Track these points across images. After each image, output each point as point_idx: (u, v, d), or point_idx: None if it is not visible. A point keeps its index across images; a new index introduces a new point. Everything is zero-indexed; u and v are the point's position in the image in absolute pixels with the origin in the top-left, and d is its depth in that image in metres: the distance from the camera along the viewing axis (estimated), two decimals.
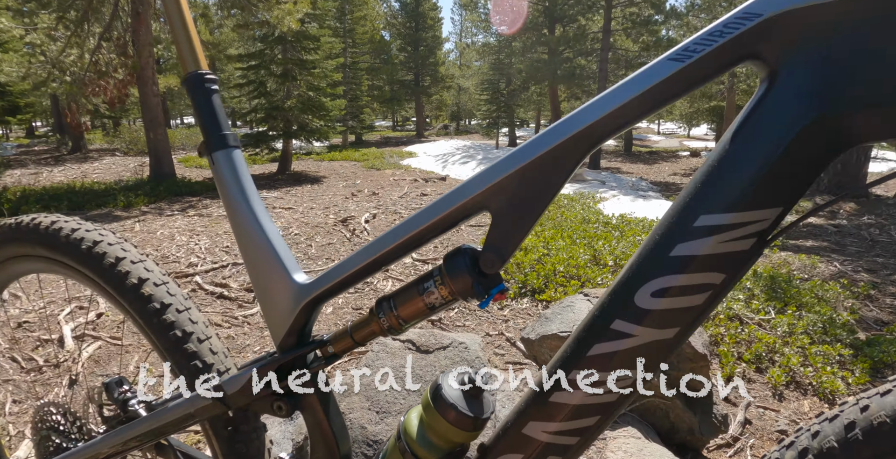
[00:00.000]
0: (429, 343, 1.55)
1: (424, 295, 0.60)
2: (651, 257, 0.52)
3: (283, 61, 12.62)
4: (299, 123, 12.70)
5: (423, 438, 0.63)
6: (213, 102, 0.75)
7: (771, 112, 0.48)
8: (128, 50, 10.49)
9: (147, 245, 5.27)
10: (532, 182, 0.54)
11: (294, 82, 12.74)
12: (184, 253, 4.86)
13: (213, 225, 6.44)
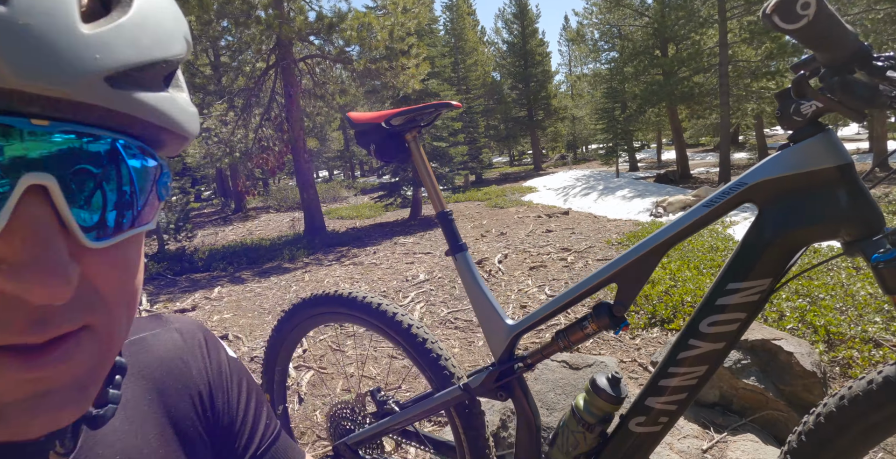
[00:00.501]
0: (578, 362, 2.03)
1: (583, 328, 1.11)
2: (706, 304, 0.99)
3: None
4: None
5: (587, 410, 1.13)
6: (453, 227, 1.35)
7: (760, 230, 0.94)
8: (283, 126, 12.33)
9: None
10: (636, 268, 1.05)
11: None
12: None
13: (367, 273, 7.40)
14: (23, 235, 0.28)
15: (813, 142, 0.89)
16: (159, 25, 0.34)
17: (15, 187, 0.27)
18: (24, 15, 0.26)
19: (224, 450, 0.55)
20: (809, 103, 0.88)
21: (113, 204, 0.33)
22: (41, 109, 0.28)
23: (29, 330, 0.29)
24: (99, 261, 0.33)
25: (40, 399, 0.31)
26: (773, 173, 0.92)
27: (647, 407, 1.06)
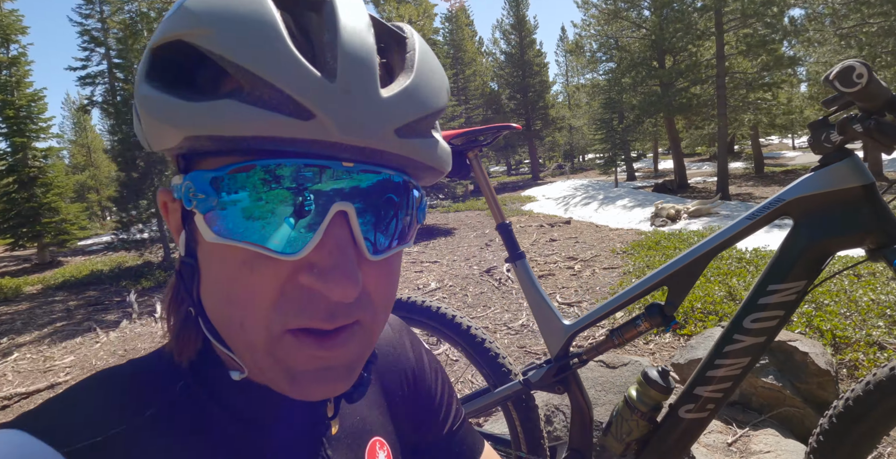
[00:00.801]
0: (614, 362, 2.19)
1: (636, 327, 1.26)
2: (749, 302, 1.14)
3: None
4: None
5: (640, 400, 1.27)
6: (513, 237, 1.49)
7: (795, 239, 1.10)
8: None
9: None
10: (685, 273, 1.20)
11: None
12: None
13: None
14: (330, 247, 0.38)
15: (841, 165, 1.05)
16: (432, 83, 0.43)
17: (328, 212, 0.37)
18: (347, 87, 0.36)
19: (424, 425, 0.66)
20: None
21: (389, 226, 0.42)
22: (349, 155, 0.38)
23: (325, 319, 0.38)
24: (373, 271, 0.41)
25: (323, 372, 0.40)
26: (807, 191, 1.08)
27: (695, 396, 1.21)
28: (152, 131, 0.39)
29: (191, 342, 0.46)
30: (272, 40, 0.35)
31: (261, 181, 0.37)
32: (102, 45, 28.10)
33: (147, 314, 6.93)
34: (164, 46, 0.39)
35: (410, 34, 0.45)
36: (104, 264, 13.20)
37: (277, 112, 0.34)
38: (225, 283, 0.40)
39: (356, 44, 0.37)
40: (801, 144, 41.37)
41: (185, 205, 0.39)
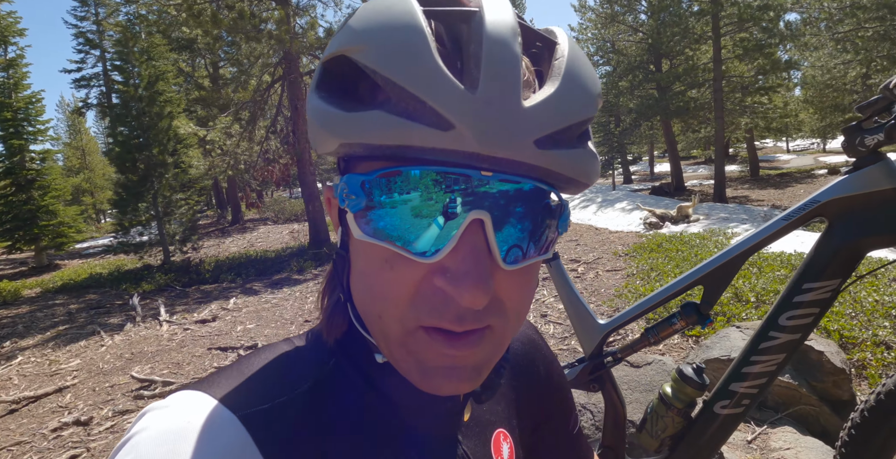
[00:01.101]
0: (638, 361, 2.23)
1: (671, 325, 1.30)
2: (784, 300, 1.17)
3: None
4: None
5: (675, 397, 1.30)
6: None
7: (830, 239, 1.13)
8: (289, 138, 12.50)
9: None
10: (721, 272, 1.23)
11: None
12: None
13: None
14: (463, 254, 0.39)
15: (875, 168, 1.09)
16: (579, 93, 0.42)
17: (464, 219, 0.39)
18: (488, 98, 0.36)
19: (550, 421, 0.68)
20: (873, 137, 1.08)
21: (526, 237, 0.42)
22: (488, 165, 0.38)
23: (454, 322, 0.40)
24: (507, 279, 0.42)
25: (451, 370, 0.42)
26: (842, 193, 1.12)
27: (730, 392, 1.24)
28: (316, 137, 0.43)
29: (339, 325, 0.51)
30: (419, 54, 0.37)
31: (403, 186, 0.39)
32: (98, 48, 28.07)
33: (151, 316, 6.92)
34: (332, 60, 0.42)
35: (562, 40, 0.45)
36: (103, 267, 13.15)
37: (419, 122, 0.36)
38: (368, 277, 0.43)
39: (500, 54, 0.38)
40: (796, 147, 41.66)
41: (340, 204, 0.43)
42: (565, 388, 0.72)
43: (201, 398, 0.43)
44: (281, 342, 0.53)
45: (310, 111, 0.43)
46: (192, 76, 20.82)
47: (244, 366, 0.48)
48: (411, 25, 0.38)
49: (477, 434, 0.57)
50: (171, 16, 11.30)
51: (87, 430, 3.59)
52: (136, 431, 0.40)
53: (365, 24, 0.40)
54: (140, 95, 11.84)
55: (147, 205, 12.01)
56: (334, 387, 0.48)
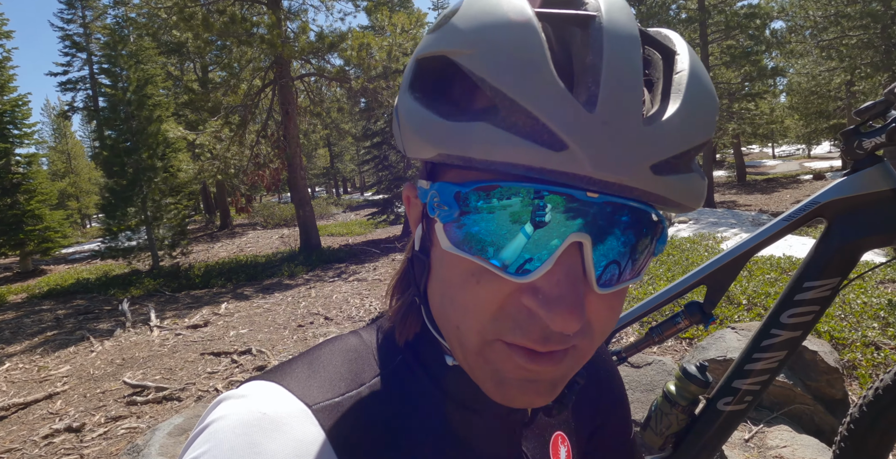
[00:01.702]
0: (638, 362, 2.26)
1: (675, 324, 1.32)
2: (786, 298, 1.20)
3: None
4: None
5: (679, 394, 1.33)
6: None
7: (830, 239, 1.17)
8: (280, 143, 12.46)
9: (332, 308, 6.41)
10: (724, 272, 1.26)
11: None
12: (364, 312, 5.90)
13: (373, 288, 7.54)
14: (559, 276, 0.37)
15: (872, 170, 1.13)
16: (701, 114, 0.38)
17: (564, 240, 0.36)
18: (606, 118, 0.33)
19: (607, 427, 0.68)
20: (871, 140, 1.12)
21: (622, 260, 0.40)
22: (597, 188, 0.35)
23: (538, 342, 0.38)
24: (597, 302, 0.40)
25: (528, 384, 0.41)
26: (841, 194, 1.16)
27: (733, 388, 1.27)
28: (410, 142, 0.41)
29: (412, 326, 0.50)
30: (534, 66, 0.34)
31: (501, 202, 0.37)
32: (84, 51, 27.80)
33: (141, 322, 6.85)
34: (430, 59, 0.40)
35: (682, 49, 0.41)
36: (90, 272, 12.99)
37: (530, 140, 0.34)
38: (450, 287, 0.41)
39: (621, 68, 0.34)
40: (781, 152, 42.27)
41: (429, 213, 0.41)
42: (623, 393, 0.71)
43: (276, 389, 0.43)
44: (349, 334, 0.53)
45: (404, 112, 0.41)
46: (181, 80, 20.71)
47: (314, 358, 0.48)
48: (527, 32, 0.35)
49: (537, 435, 0.57)
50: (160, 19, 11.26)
51: (80, 437, 3.54)
52: (213, 419, 0.41)
53: (473, 24, 0.37)
54: (129, 98, 11.75)
55: (136, 209, 11.89)
56: (402, 383, 0.48)
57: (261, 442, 0.38)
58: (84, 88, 27.85)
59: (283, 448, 0.38)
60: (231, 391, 0.44)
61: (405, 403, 0.47)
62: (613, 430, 0.69)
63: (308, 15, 32.27)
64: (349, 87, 11.38)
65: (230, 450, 0.37)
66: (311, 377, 0.45)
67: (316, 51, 10.54)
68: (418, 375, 0.49)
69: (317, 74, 11.84)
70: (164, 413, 3.80)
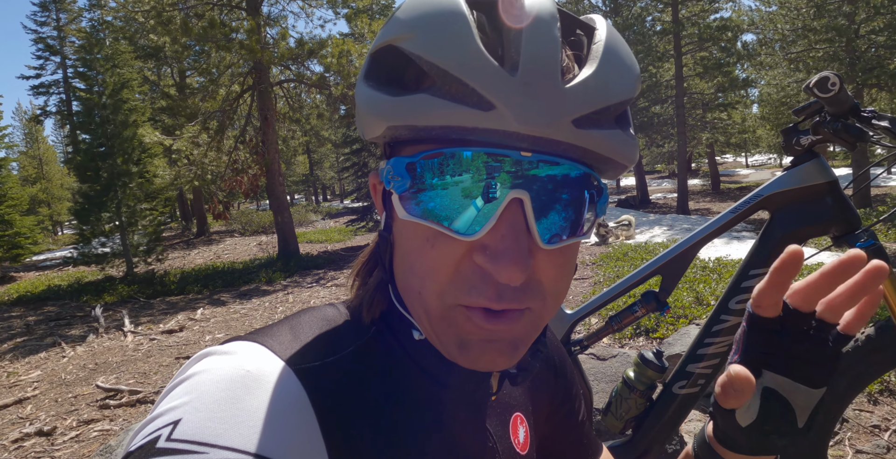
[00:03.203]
0: (604, 354, 2.33)
1: (633, 312, 1.39)
2: (734, 286, 1.28)
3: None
4: None
5: (637, 379, 1.39)
6: None
7: (772, 229, 1.25)
8: (259, 149, 12.37)
9: None
10: (677, 262, 1.34)
11: None
12: None
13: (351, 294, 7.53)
14: (503, 232, 0.41)
15: (810, 165, 1.22)
16: (616, 75, 0.43)
17: (504, 198, 0.40)
18: (527, 79, 0.38)
19: (561, 410, 0.71)
20: (808, 137, 1.21)
21: (564, 217, 0.43)
22: (528, 145, 0.40)
23: (493, 299, 0.41)
24: (546, 260, 0.43)
25: (488, 344, 0.43)
26: (781, 187, 1.24)
27: (688, 372, 1.34)
28: (364, 123, 0.45)
29: (378, 304, 0.53)
30: (461, 39, 0.39)
31: (446, 167, 0.41)
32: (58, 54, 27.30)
33: (115, 328, 6.74)
34: (380, 51, 0.45)
35: (601, 26, 0.46)
36: (61, 279, 12.72)
37: (461, 104, 0.38)
38: (410, 255, 0.45)
39: (539, 37, 0.39)
40: (754, 162, 43.26)
41: (385, 186, 0.45)
42: (574, 378, 0.75)
43: (260, 349, 0.44)
44: (327, 305, 0.55)
45: (358, 98, 0.46)
46: (158, 85, 20.47)
47: (296, 324, 0.50)
48: (455, 13, 0.40)
49: (498, 414, 0.59)
50: (137, 23, 11.16)
51: (51, 440, 3.49)
52: (196, 372, 0.41)
53: (412, 13, 0.42)
54: (104, 102, 11.59)
55: (110, 215, 11.69)
56: (377, 354, 0.50)
57: (243, 398, 0.39)
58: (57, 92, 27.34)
59: (266, 404, 0.39)
60: (214, 347, 0.45)
61: (379, 374, 0.49)
62: (568, 412, 0.72)
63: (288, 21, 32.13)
64: (329, 93, 11.37)
65: (213, 403, 0.38)
66: (293, 341, 0.47)
67: (296, 57, 10.54)
68: (392, 347, 0.51)
69: (296, 81, 11.81)
70: (138, 415, 3.76)
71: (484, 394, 0.56)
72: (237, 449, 0.36)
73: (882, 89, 11.92)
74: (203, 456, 0.35)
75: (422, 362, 0.51)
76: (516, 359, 0.45)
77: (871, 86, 11.89)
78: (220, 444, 0.36)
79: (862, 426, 2.47)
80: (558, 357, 0.72)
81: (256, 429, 0.38)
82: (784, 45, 14.05)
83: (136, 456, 0.36)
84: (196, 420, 0.37)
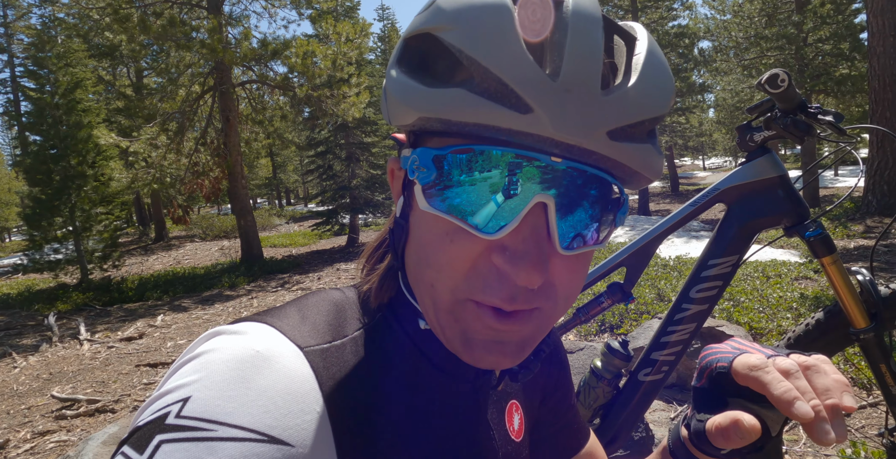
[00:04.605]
0: (572, 348, 2.39)
1: (599, 304, 1.44)
2: (694, 276, 1.34)
3: (347, 146, 14.13)
4: (364, 198, 13.98)
5: (604, 368, 1.44)
6: None
7: (729, 221, 1.31)
8: (220, 151, 12.10)
9: None
10: (640, 255, 1.39)
11: (357, 163, 14.16)
12: None
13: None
14: (525, 234, 0.41)
15: (762, 159, 1.29)
16: (655, 90, 0.43)
17: (529, 200, 0.40)
18: (568, 86, 0.38)
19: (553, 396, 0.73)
20: (760, 134, 1.27)
21: (585, 224, 0.44)
22: (559, 151, 0.40)
23: (506, 300, 0.42)
24: (561, 264, 0.43)
25: (495, 345, 0.44)
26: (737, 181, 1.31)
27: (652, 360, 1.39)
28: (395, 109, 0.45)
29: (388, 290, 0.53)
30: (506, 39, 0.39)
31: (474, 164, 0.41)
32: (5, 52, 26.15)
33: (70, 336, 6.48)
34: (415, 37, 0.44)
35: (642, 36, 0.46)
36: (10, 287, 12.17)
37: (499, 104, 0.38)
38: (427, 247, 0.45)
39: (583, 45, 0.39)
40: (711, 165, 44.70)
41: (409, 175, 0.45)
42: (566, 360, 0.77)
43: (269, 330, 0.44)
44: (333, 289, 0.55)
45: (390, 84, 0.45)
46: (114, 85, 19.80)
47: (303, 306, 0.50)
48: (501, 10, 0.39)
49: (495, 402, 0.60)
50: (93, 20, 10.79)
51: (4, 454, 3.33)
52: (205, 350, 0.41)
53: (456, 5, 0.41)
54: (56, 102, 11.16)
55: (63, 219, 11.23)
56: (382, 339, 0.50)
57: (252, 378, 0.39)
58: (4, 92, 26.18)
59: (275, 384, 0.39)
60: (224, 326, 0.45)
61: (384, 359, 0.49)
62: (561, 395, 0.74)
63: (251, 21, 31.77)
64: (293, 95, 11.20)
65: (223, 382, 0.38)
66: (301, 323, 0.47)
67: (259, 57, 10.36)
68: (397, 333, 0.52)
69: (259, 82, 11.61)
70: (96, 425, 3.63)
71: (485, 383, 0.57)
72: (246, 428, 0.36)
73: (829, 95, 12.53)
74: (212, 433, 0.35)
75: (426, 350, 0.52)
76: (521, 359, 0.46)
77: (818, 92, 12.48)
78: (229, 422, 0.36)
79: None
80: (552, 342, 0.73)
81: (265, 409, 0.38)
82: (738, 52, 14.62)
83: (145, 432, 0.36)
84: (206, 398, 0.37)
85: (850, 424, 2.46)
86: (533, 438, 0.71)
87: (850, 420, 2.51)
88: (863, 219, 8.56)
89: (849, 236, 7.45)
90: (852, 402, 0.43)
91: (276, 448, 0.37)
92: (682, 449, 0.57)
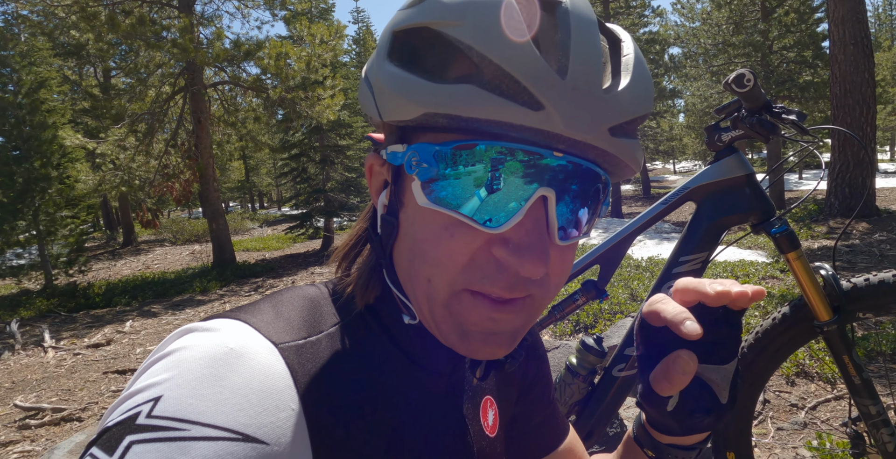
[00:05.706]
0: (548, 346, 2.40)
1: (574, 301, 1.46)
2: (665, 273, 1.37)
3: (322, 149, 14.00)
4: (339, 202, 13.86)
5: (580, 365, 1.46)
6: None
7: (698, 219, 1.34)
8: (192, 153, 11.88)
9: None
10: (613, 252, 1.41)
11: (332, 166, 14.05)
12: None
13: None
14: (528, 227, 0.42)
15: (730, 159, 1.32)
16: (643, 89, 0.45)
17: (533, 194, 0.42)
18: (576, 84, 0.39)
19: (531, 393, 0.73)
20: (728, 134, 1.31)
21: (579, 215, 0.45)
22: (564, 147, 0.41)
23: (505, 289, 0.43)
24: (555, 254, 0.45)
25: (490, 336, 0.45)
26: (706, 180, 1.34)
27: (626, 356, 1.41)
28: (390, 104, 0.44)
29: (373, 289, 0.53)
30: (516, 36, 0.39)
31: (478, 159, 0.41)
32: None
33: (33, 344, 6.27)
34: (408, 31, 0.44)
35: (626, 38, 0.48)
36: None
37: (511, 100, 0.38)
38: (423, 243, 0.45)
39: (587, 45, 0.40)
40: (681, 169, 45.64)
41: (407, 171, 0.44)
42: (546, 361, 0.77)
43: (242, 326, 0.44)
44: (308, 285, 0.55)
45: (384, 78, 0.44)
46: (80, 85, 19.29)
47: (277, 302, 0.50)
48: (511, 10, 0.40)
49: (472, 397, 0.60)
50: (58, 18, 10.51)
51: None
52: (176, 347, 0.41)
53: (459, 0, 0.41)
54: (19, 102, 10.82)
55: (26, 223, 10.87)
56: (358, 336, 0.50)
57: (226, 376, 0.38)
58: None
59: (249, 382, 0.39)
60: (196, 323, 0.44)
61: (359, 355, 0.49)
62: (541, 391, 0.75)
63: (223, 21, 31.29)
64: (266, 96, 11.07)
65: (195, 381, 0.37)
66: (276, 319, 0.47)
67: (231, 58, 10.21)
68: (373, 329, 0.52)
69: (232, 83, 11.43)
70: (62, 434, 3.52)
71: (461, 378, 0.58)
72: (220, 427, 0.36)
73: (793, 101, 12.93)
74: (185, 433, 0.35)
75: (405, 345, 0.52)
76: (513, 348, 0.47)
77: (783, 97, 12.87)
78: (202, 421, 0.36)
79: (782, 406, 2.66)
80: (531, 340, 0.74)
81: (239, 407, 0.37)
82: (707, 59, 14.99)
83: (115, 432, 0.36)
84: (178, 397, 0.36)
85: (815, 416, 2.54)
86: (512, 433, 0.72)
87: (815, 412, 2.59)
88: (826, 220, 8.84)
89: (812, 236, 7.68)
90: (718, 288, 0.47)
91: (251, 447, 0.36)
92: (644, 435, 0.59)
